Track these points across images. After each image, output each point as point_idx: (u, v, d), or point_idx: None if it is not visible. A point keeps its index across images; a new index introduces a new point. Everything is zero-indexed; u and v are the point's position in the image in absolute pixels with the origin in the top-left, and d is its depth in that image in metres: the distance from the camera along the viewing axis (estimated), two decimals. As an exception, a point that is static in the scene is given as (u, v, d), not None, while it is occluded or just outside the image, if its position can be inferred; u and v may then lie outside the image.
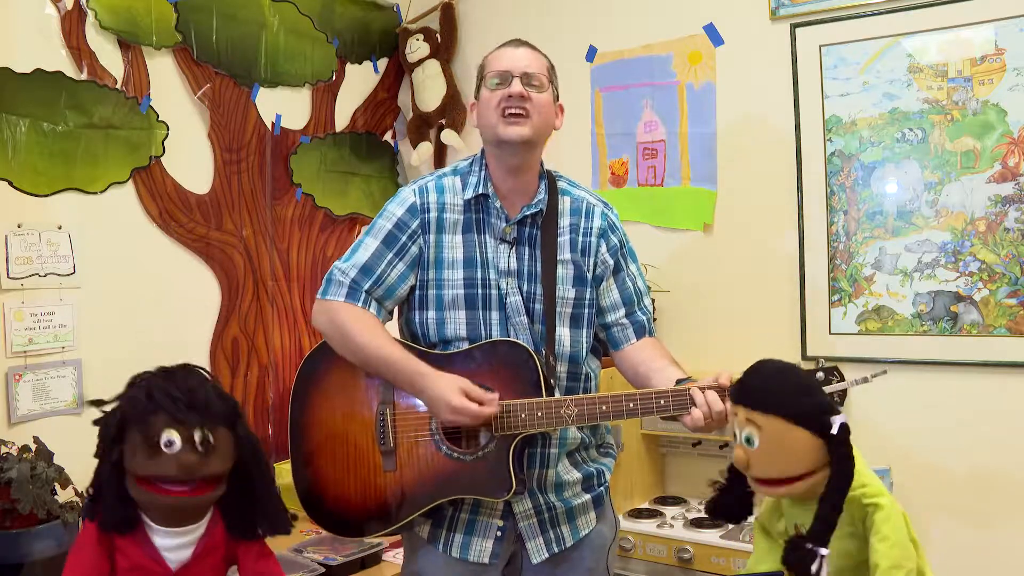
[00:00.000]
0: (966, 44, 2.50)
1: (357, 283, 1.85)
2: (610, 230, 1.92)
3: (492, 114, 1.83)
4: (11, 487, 1.96)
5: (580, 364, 1.88)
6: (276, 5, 3.04)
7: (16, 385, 2.35)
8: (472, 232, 1.86)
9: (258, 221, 3.00)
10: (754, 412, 1.43)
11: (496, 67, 1.85)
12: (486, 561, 1.84)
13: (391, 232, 1.85)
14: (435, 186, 1.89)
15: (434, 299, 1.85)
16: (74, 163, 2.49)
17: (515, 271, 1.84)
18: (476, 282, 1.84)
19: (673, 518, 2.71)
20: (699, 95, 2.97)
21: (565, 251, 1.88)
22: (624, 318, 1.92)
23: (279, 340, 3.04)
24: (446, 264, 1.85)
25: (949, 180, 2.55)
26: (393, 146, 3.55)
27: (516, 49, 1.87)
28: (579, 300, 1.87)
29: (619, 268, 1.93)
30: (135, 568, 1.53)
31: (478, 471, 1.77)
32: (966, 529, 2.54)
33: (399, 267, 1.85)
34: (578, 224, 1.90)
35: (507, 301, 1.83)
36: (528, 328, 1.83)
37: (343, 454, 1.86)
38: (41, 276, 2.41)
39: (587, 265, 1.89)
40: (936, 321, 2.57)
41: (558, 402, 1.73)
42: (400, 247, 1.85)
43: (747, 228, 2.89)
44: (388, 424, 1.83)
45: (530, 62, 1.85)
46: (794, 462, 1.42)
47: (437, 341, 1.85)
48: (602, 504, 1.95)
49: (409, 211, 1.86)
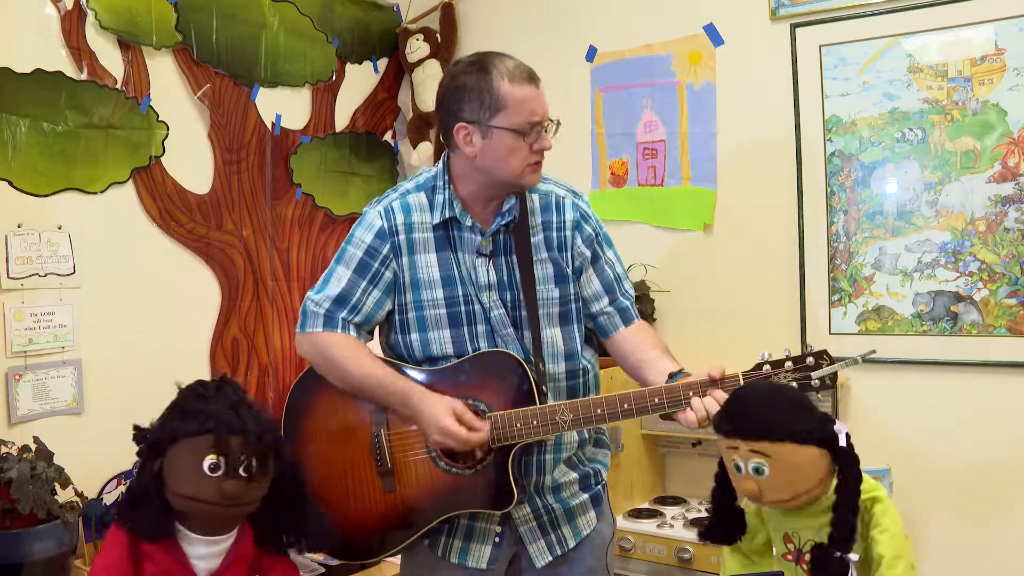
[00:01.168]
0: (966, 44, 2.50)
1: (332, 313, 1.82)
2: (583, 220, 1.89)
3: (517, 162, 1.75)
4: (11, 487, 1.95)
5: (576, 360, 1.87)
6: (276, 5, 3.04)
7: (16, 385, 2.35)
8: (446, 250, 1.82)
9: (258, 221, 3.00)
10: (759, 442, 1.43)
11: (527, 114, 1.73)
12: (484, 567, 1.83)
13: (362, 260, 1.82)
14: (401, 205, 1.83)
15: (415, 321, 1.82)
16: (74, 163, 2.49)
17: (495, 283, 1.82)
18: (458, 299, 1.81)
19: (673, 518, 2.71)
20: (699, 95, 2.97)
21: (541, 250, 1.85)
22: (609, 306, 1.91)
23: (279, 340, 3.04)
24: (423, 285, 1.82)
25: (949, 180, 2.55)
26: (393, 146, 3.55)
27: (538, 88, 1.76)
28: (564, 298, 1.85)
29: (596, 257, 1.91)
30: (163, 574, 1.53)
31: (479, 485, 1.76)
32: (966, 528, 2.54)
33: (375, 294, 1.82)
34: (550, 220, 1.87)
35: (491, 315, 1.81)
36: (516, 339, 1.81)
37: (341, 479, 1.84)
38: (41, 276, 2.41)
39: (565, 260, 1.86)
40: (936, 321, 2.57)
41: (552, 409, 1.72)
42: (373, 274, 1.82)
43: (747, 228, 2.89)
44: (384, 444, 1.81)
45: (546, 102, 1.77)
46: (806, 479, 1.43)
47: (423, 359, 1.83)
48: (601, 503, 1.95)
49: (378, 236, 1.81)
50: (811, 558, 1.42)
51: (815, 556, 1.41)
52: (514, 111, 1.72)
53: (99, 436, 2.42)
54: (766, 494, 1.44)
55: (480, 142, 1.75)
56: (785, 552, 1.55)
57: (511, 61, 1.75)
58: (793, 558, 1.53)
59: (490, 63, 1.74)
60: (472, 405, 1.75)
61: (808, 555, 1.46)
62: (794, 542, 1.52)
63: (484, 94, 1.72)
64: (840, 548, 1.38)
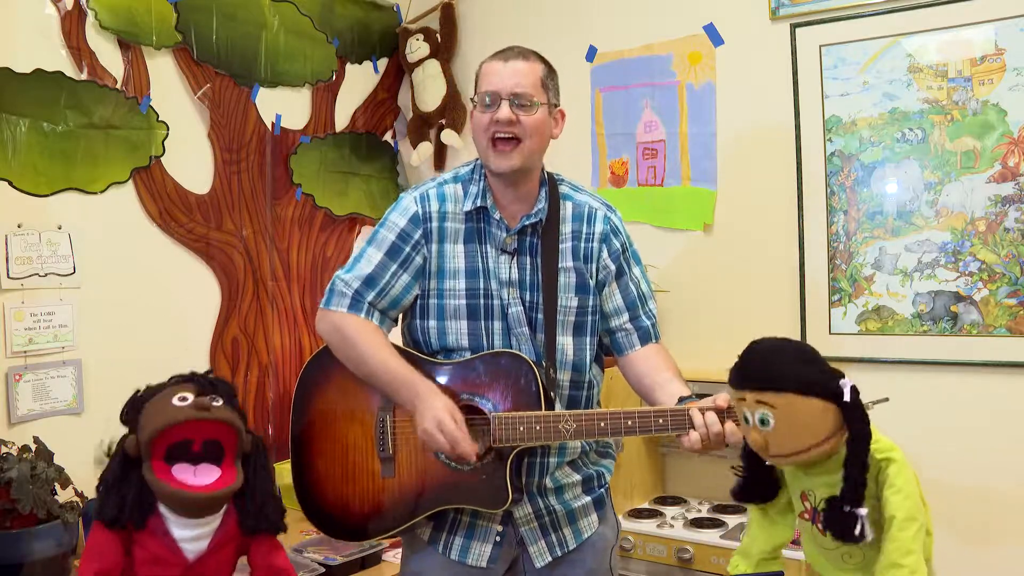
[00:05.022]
0: (966, 44, 2.50)
1: (360, 294, 1.83)
2: (612, 234, 1.89)
3: (482, 138, 1.80)
4: (11, 487, 1.96)
5: (583, 372, 1.87)
6: (276, 5, 3.04)
7: (16, 385, 2.35)
8: (474, 242, 1.84)
9: (258, 221, 3.00)
10: (764, 393, 1.44)
11: (485, 86, 1.79)
12: (484, 565, 1.83)
13: (394, 243, 1.84)
14: (436, 194, 1.86)
15: (435, 308, 1.84)
16: (74, 163, 2.49)
17: (516, 281, 1.83)
18: (478, 292, 1.82)
19: (673, 518, 2.71)
20: (699, 95, 2.97)
21: (567, 258, 1.85)
22: (628, 323, 1.91)
23: (279, 340, 3.04)
24: (448, 274, 1.83)
25: (949, 180, 2.55)
26: (393, 146, 3.55)
27: (506, 64, 1.79)
28: (582, 308, 1.85)
29: (622, 272, 1.90)
30: (153, 559, 1.57)
31: (475, 483, 1.76)
32: (965, 528, 2.54)
33: (403, 278, 1.84)
34: (580, 230, 1.87)
35: (508, 312, 1.81)
36: (530, 339, 1.81)
37: (343, 459, 1.86)
38: (41, 276, 2.41)
39: (589, 272, 1.86)
40: (936, 321, 2.57)
41: (556, 416, 1.71)
42: (404, 258, 1.83)
43: (747, 228, 2.89)
44: (388, 431, 1.83)
45: (520, 79, 1.78)
46: (812, 432, 1.42)
47: (439, 349, 1.84)
48: (603, 506, 1.95)
49: (412, 221, 1.84)
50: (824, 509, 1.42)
51: (828, 509, 1.41)
52: (481, 83, 1.82)
53: (99, 436, 2.42)
54: (772, 446, 1.44)
55: (471, 122, 1.86)
56: (802, 511, 1.55)
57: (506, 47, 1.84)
58: (809, 516, 1.53)
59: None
60: (478, 403, 1.76)
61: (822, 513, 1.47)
62: (810, 500, 1.53)
63: (476, 75, 1.85)
64: (849, 502, 1.37)
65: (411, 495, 1.81)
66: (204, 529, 1.60)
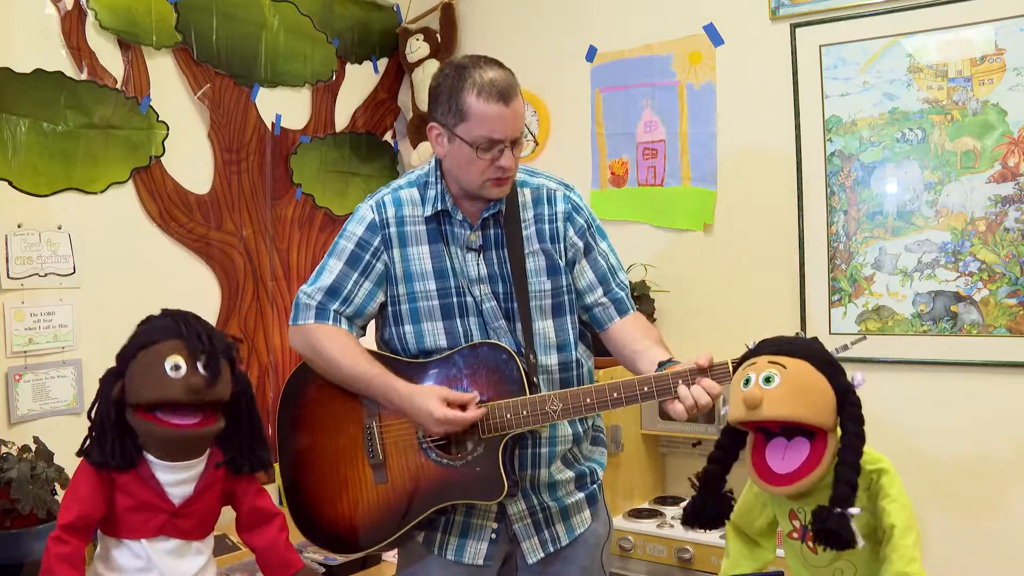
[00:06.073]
0: (966, 44, 2.50)
1: (324, 305, 1.84)
2: (575, 211, 1.89)
3: (475, 175, 1.76)
4: (11, 487, 1.96)
5: (569, 353, 1.87)
6: (276, 5, 3.04)
7: (16, 385, 2.35)
8: (438, 243, 1.84)
9: (258, 221, 3.00)
10: (779, 356, 1.46)
11: (487, 132, 1.71)
12: (480, 563, 1.84)
13: (353, 252, 1.84)
14: (392, 199, 1.85)
15: (409, 312, 1.83)
16: (74, 163, 2.49)
17: (486, 277, 1.83)
18: (450, 291, 1.82)
19: (673, 518, 2.71)
20: (699, 95, 2.97)
21: (533, 243, 1.85)
22: (603, 297, 1.91)
23: (279, 340, 3.04)
24: (416, 277, 1.83)
25: (949, 180, 2.55)
26: (393, 146, 3.55)
27: (507, 107, 1.70)
28: (556, 289, 1.86)
29: (590, 248, 1.90)
30: (139, 505, 1.58)
31: (470, 476, 1.76)
32: (965, 528, 2.54)
33: (366, 285, 1.84)
34: (542, 213, 1.87)
35: (483, 308, 1.82)
36: (509, 331, 1.82)
37: (333, 471, 1.85)
38: (41, 276, 2.41)
39: (558, 252, 1.86)
40: (936, 321, 2.57)
41: (542, 399, 1.72)
42: (365, 266, 1.84)
43: (747, 228, 2.89)
44: (376, 437, 1.82)
45: (520, 122, 1.74)
46: (808, 405, 1.43)
47: (417, 353, 1.84)
48: (596, 502, 1.95)
49: (369, 228, 1.84)
50: (812, 518, 1.41)
51: (816, 516, 1.40)
52: (474, 125, 1.71)
53: (99, 436, 2.42)
54: (767, 406, 1.42)
55: (447, 145, 1.77)
56: (791, 530, 1.55)
57: (491, 73, 1.72)
58: (799, 535, 1.53)
59: (469, 71, 1.72)
60: None
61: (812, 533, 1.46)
62: (799, 518, 1.52)
63: (452, 100, 1.73)
64: (840, 504, 1.37)
65: (406, 497, 1.80)
66: (189, 473, 1.61)
